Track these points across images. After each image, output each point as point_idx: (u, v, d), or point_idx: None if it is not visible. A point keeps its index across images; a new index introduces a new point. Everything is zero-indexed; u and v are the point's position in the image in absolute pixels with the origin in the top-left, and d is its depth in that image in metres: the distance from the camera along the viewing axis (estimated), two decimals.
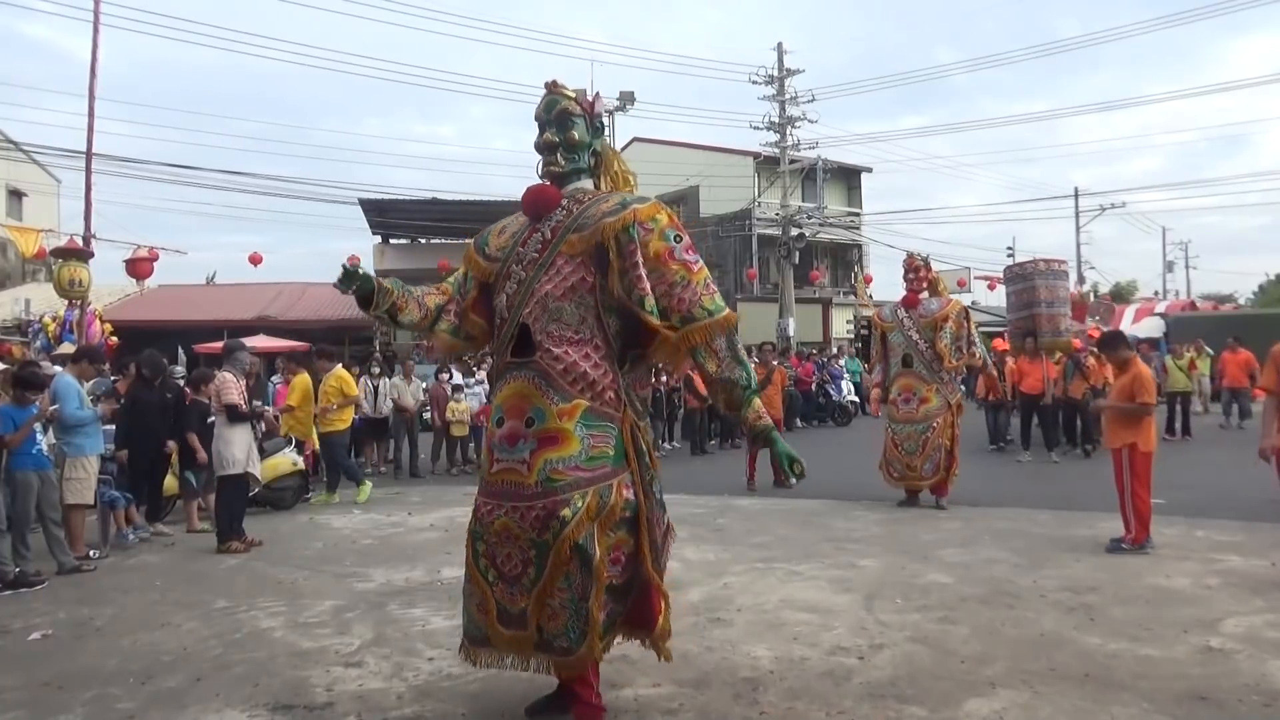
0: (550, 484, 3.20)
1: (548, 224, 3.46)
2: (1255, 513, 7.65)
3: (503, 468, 3.30)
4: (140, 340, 13.78)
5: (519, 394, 3.32)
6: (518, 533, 3.23)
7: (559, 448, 3.23)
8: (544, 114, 3.56)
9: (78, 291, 11.95)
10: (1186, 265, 53.68)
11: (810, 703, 3.65)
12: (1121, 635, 4.42)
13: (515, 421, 3.29)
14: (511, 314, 3.43)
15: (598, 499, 3.24)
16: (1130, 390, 6.38)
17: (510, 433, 3.29)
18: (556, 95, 3.58)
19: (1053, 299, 12.37)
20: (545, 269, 3.38)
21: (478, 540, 3.36)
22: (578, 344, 3.33)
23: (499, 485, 3.31)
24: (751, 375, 3.50)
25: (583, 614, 3.22)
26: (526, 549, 3.22)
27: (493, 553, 3.30)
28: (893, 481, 8.60)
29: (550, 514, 3.17)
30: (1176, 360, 14.32)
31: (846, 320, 31.23)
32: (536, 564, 3.21)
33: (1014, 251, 36.88)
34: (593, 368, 3.33)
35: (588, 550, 3.20)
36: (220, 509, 7.44)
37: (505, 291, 3.47)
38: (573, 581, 3.20)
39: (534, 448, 3.23)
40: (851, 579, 5.72)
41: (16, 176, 28.54)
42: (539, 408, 3.27)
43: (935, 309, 8.58)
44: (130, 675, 4.22)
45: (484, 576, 3.34)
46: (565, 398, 3.26)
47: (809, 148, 26.79)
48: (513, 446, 3.28)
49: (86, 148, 12.91)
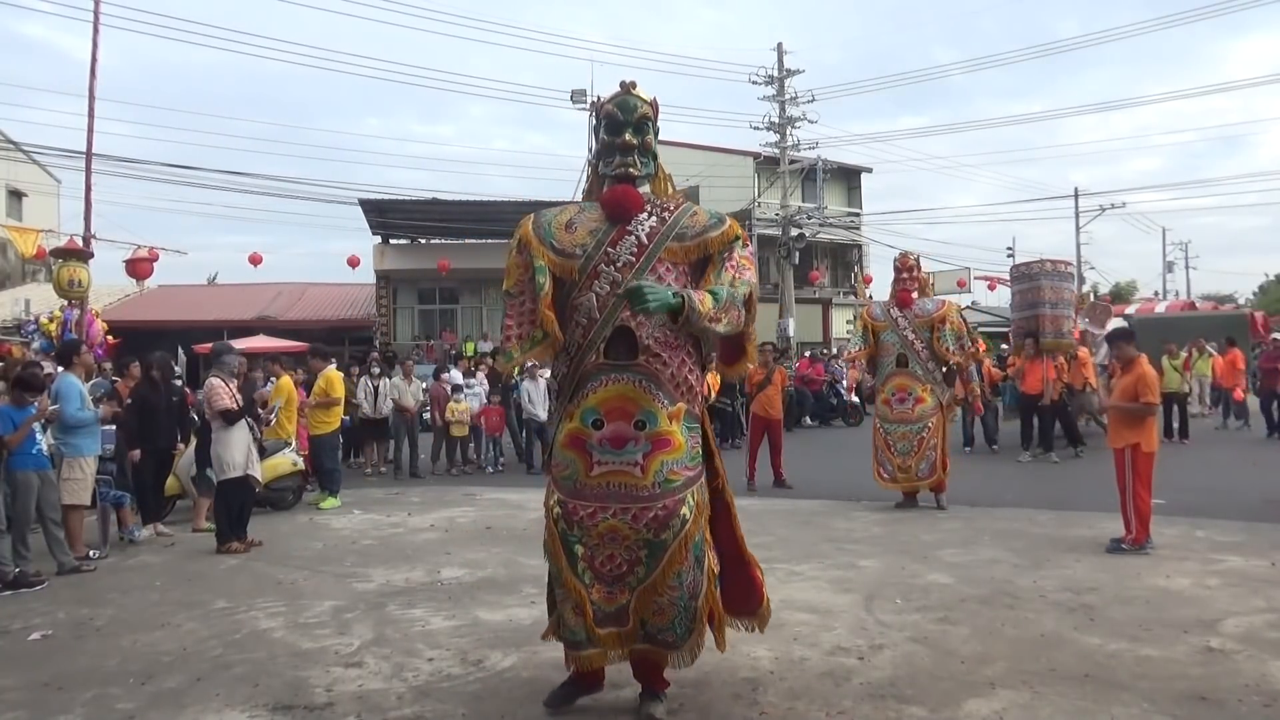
0: (669, 485, 3.32)
1: (639, 227, 3.47)
2: (1255, 513, 7.65)
3: (609, 469, 3.34)
4: (140, 341, 13.79)
5: (623, 396, 3.35)
6: (628, 534, 3.31)
7: (672, 450, 3.34)
8: (621, 115, 3.57)
9: (77, 292, 11.94)
10: (1186, 266, 53.72)
11: (810, 703, 3.66)
12: (1121, 635, 4.42)
13: (621, 424, 3.33)
14: (605, 315, 3.40)
15: (702, 496, 3.45)
16: (1134, 390, 6.37)
17: (616, 435, 3.33)
18: (635, 98, 3.59)
19: (1057, 300, 12.32)
20: (644, 273, 3.40)
21: (573, 544, 3.37)
22: (677, 349, 3.42)
23: (603, 487, 3.35)
24: (724, 300, 3.37)
25: (691, 610, 3.38)
26: (636, 549, 3.32)
27: (592, 555, 3.36)
28: (884, 482, 8.52)
29: (671, 513, 3.30)
30: (1171, 360, 14.29)
31: (846, 320, 31.18)
32: (646, 563, 3.32)
33: (1014, 252, 36.94)
34: (689, 373, 3.46)
35: (701, 547, 3.38)
36: (219, 511, 7.44)
37: (595, 290, 3.43)
38: (684, 579, 3.33)
39: (648, 450, 3.31)
40: (851, 579, 5.72)
41: (16, 176, 28.54)
42: (649, 411, 3.33)
43: (932, 309, 8.54)
44: (130, 675, 4.22)
45: (580, 579, 3.37)
46: (672, 401, 3.37)
47: (809, 148, 26.82)
48: (620, 449, 3.32)
49: (86, 148, 12.89)
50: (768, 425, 10.38)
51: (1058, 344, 12.23)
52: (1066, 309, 12.53)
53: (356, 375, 12.54)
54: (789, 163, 27.19)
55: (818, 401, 18.77)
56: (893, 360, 8.53)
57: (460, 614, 5.11)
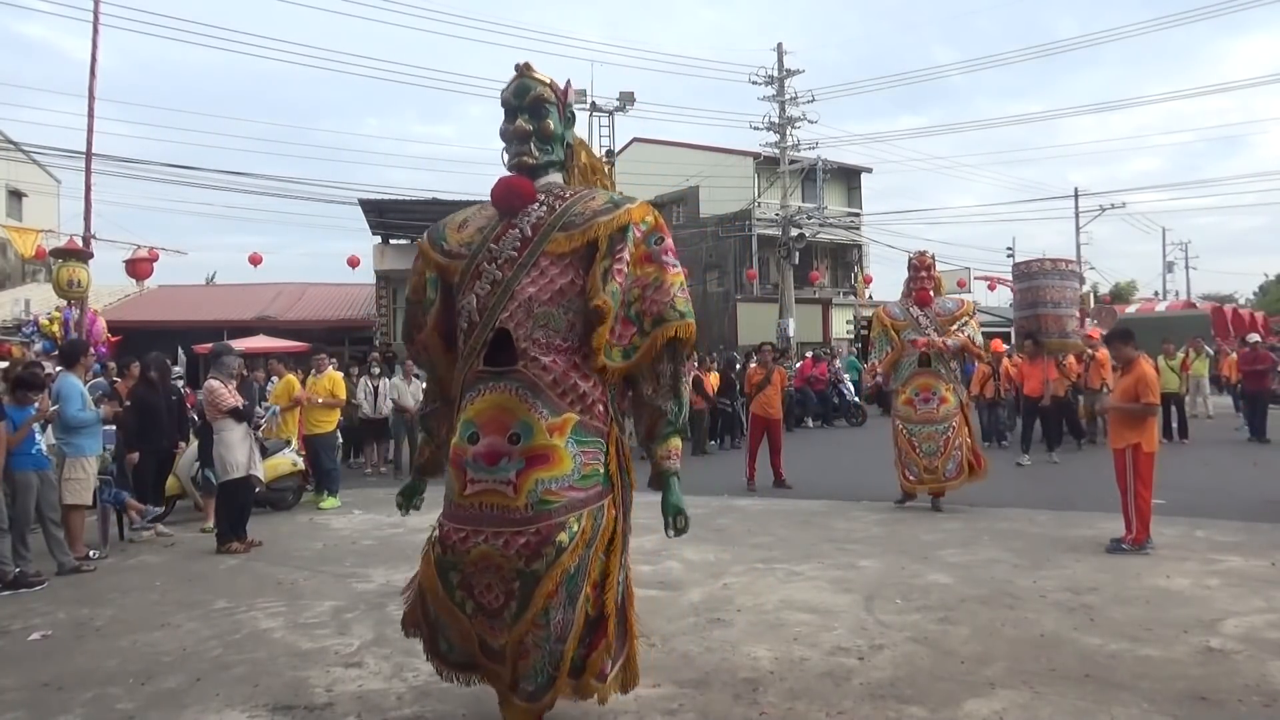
0: (543, 506, 2.91)
1: (525, 220, 3.14)
2: (1255, 513, 7.64)
3: (482, 489, 2.95)
4: (140, 341, 13.79)
5: (498, 406, 2.98)
6: (500, 562, 2.90)
7: (550, 466, 2.93)
8: (514, 99, 3.25)
9: (77, 292, 11.92)
10: (1186, 266, 53.70)
11: (810, 703, 3.65)
12: (1121, 635, 4.42)
13: (495, 437, 2.95)
14: (485, 317, 3.07)
15: (591, 522, 3.01)
16: (1134, 391, 6.37)
17: (490, 450, 2.95)
18: (529, 80, 3.25)
19: (1060, 299, 12.12)
20: (527, 269, 3.07)
21: (449, 570, 3.00)
22: (566, 352, 3.06)
23: (475, 509, 2.96)
24: (681, 411, 3.27)
25: (555, 656, 2.95)
26: (510, 580, 2.91)
27: (470, 583, 2.97)
28: (911, 484, 8.32)
29: (544, 539, 2.88)
30: (1169, 360, 14.27)
31: (846, 320, 31.22)
32: (520, 596, 2.91)
33: (1014, 252, 36.91)
34: (582, 378, 3.07)
35: (577, 582, 2.95)
36: (220, 511, 7.44)
37: (475, 292, 3.12)
38: (552, 618, 2.92)
39: (521, 466, 2.91)
40: (851, 579, 5.72)
41: (16, 176, 28.52)
42: (525, 422, 2.95)
43: (953, 308, 8.49)
44: (130, 675, 4.22)
45: (461, 609, 3.00)
46: (555, 411, 2.98)
47: (809, 148, 26.80)
48: (493, 465, 2.94)
49: (86, 148, 12.88)
50: (767, 425, 10.37)
51: (1062, 344, 12.09)
52: (1070, 308, 12.35)
53: (356, 375, 12.53)
54: (789, 163, 27.18)
55: (822, 402, 18.77)
56: (915, 360, 8.37)
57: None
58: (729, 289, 30.94)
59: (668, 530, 3.18)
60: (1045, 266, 12.53)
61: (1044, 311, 12.06)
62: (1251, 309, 34.26)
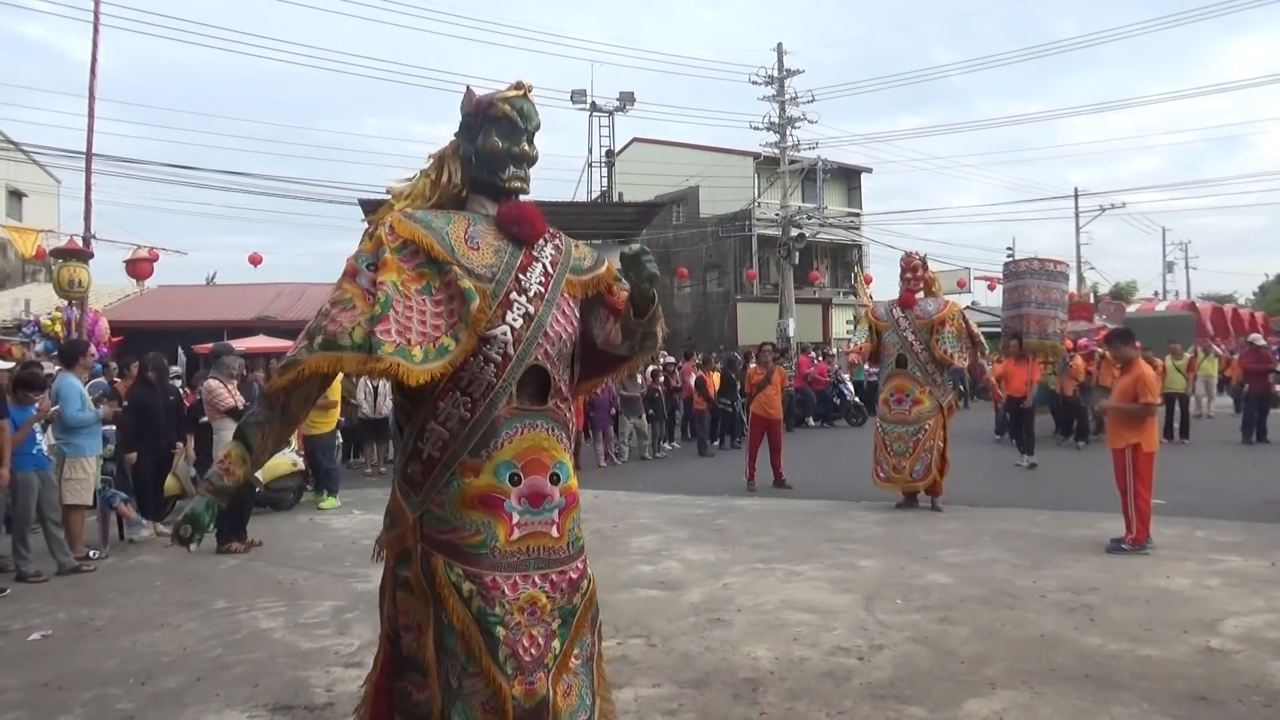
0: (577, 542, 2.93)
1: (542, 253, 3.01)
2: (1255, 513, 7.64)
3: (529, 532, 2.82)
4: (140, 341, 13.79)
5: (538, 447, 2.88)
6: (545, 604, 2.80)
7: (577, 505, 2.97)
8: (523, 123, 3.07)
9: (77, 292, 11.93)
10: (1186, 266, 53.73)
11: (810, 703, 3.65)
12: (1121, 635, 4.42)
13: (538, 478, 2.86)
14: (519, 351, 2.88)
15: None
16: (1133, 391, 6.37)
17: (535, 491, 2.84)
18: (531, 104, 3.10)
19: (1045, 300, 12.04)
20: (553, 306, 2.96)
21: (495, 625, 2.72)
22: (571, 394, 3.08)
23: (524, 553, 2.81)
24: None
25: (591, 676, 2.94)
26: (551, 620, 2.81)
27: (515, 639, 2.74)
28: (880, 482, 8.54)
29: (582, 574, 2.91)
30: (1175, 360, 14.25)
31: (846, 320, 31.22)
32: (560, 635, 2.81)
33: (1014, 252, 36.90)
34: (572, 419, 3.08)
35: (598, 607, 2.99)
36: (220, 511, 7.43)
37: (509, 323, 2.89)
38: (585, 645, 2.92)
39: (563, 506, 2.89)
40: (851, 579, 5.72)
41: (16, 176, 28.54)
42: (561, 462, 2.91)
43: (932, 311, 8.48)
44: (130, 675, 4.23)
45: (503, 670, 2.71)
46: (570, 450, 2.99)
47: (809, 148, 26.81)
48: (538, 507, 2.84)
49: (86, 148, 12.89)
50: (767, 425, 10.37)
51: (1042, 345, 12.02)
52: (1055, 309, 12.23)
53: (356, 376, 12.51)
54: (789, 163, 27.18)
55: (821, 401, 18.76)
56: (893, 361, 8.54)
57: None
58: (729, 289, 30.96)
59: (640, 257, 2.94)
60: (1034, 266, 12.47)
61: (1028, 311, 12.01)
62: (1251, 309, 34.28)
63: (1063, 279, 12.95)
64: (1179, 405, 13.73)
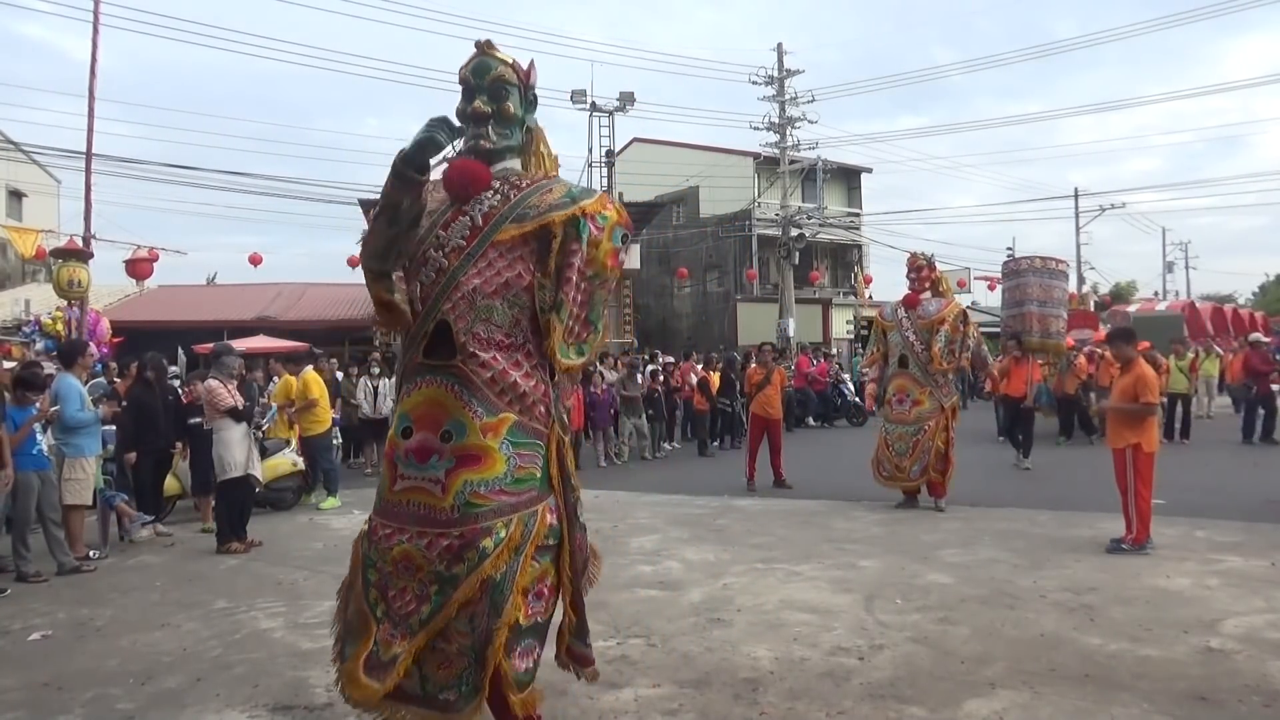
0: (470, 509, 2.79)
1: (477, 208, 2.98)
2: (1255, 513, 7.64)
3: (410, 485, 2.87)
4: (140, 341, 13.78)
5: (433, 401, 2.88)
6: (420, 563, 2.81)
7: (481, 468, 2.81)
8: (473, 78, 3.07)
9: (77, 292, 11.94)
10: (1186, 266, 53.71)
11: (810, 703, 3.65)
12: (1121, 635, 4.42)
13: (427, 433, 2.85)
14: (428, 307, 2.94)
15: (522, 528, 2.86)
16: (1133, 391, 6.37)
17: (421, 446, 2.86)
18: (490, 58, 3.08)
19: (1046, 299, 11.94)
20: (474, 260, 2.92)
21: (369, 568, 2.93)
22: (508, 349, 2.93)
23: (403, 506, 2.88)
24: None
25: (479, 665, 2.79)
26: (427, 583, 2.81)
27: (385, 584, 2.88)
28: (882, 480, 8.58)
29: (468, 544, 2.77)
30: (1178, 361, 14.21)
31: (846, 320, 31.23)
32: (435, 600, 2.80)
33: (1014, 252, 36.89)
34: (523, 377, 2.94)
35: (503, 589, 2.79)
36: (220, 511, 7.44)
37: (420, 280, 2.97)
38: (477, 625, 2.78)
39: (451, 466, 2.81)
40: (851, 579, 5.72)
41: (16, 176, 28.52)
42: (458, 420, 2.83)
43: (934, 311, 8.49)
44: (130, 675, 4.22)
45: (373, 611, 2.89)
46: (491, 410, 2.85)
47: (809, 148, 26.81)
48: (423, 462, 2.84)
49: (86, 148, 12.89)
50: (767, 425, 10.37)
51: (1045, 344, 11.94)
52: (1057, 308, 12.10)
53: (356, 375, 12.52)
54: (789, 163, 27.18)
55: (823, 401, 18.71)
56: (895, 362, 8.58)
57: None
58: (729, 289, 30.94)
59: None
60: (1035, 264, 12.38)
61: (1029, 309, 11.91)
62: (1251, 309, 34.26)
63: (1063, 278, 12.85)
64: (1181, 405, 13.70)
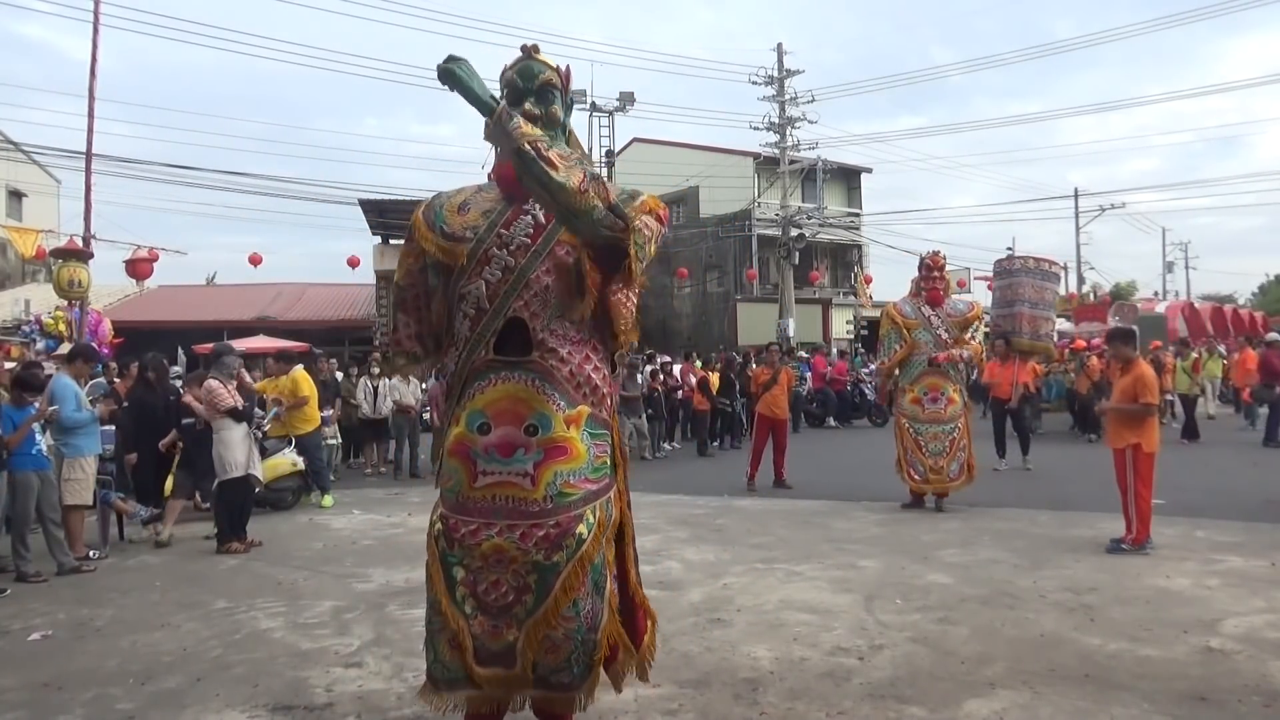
0: (562, 498, 2.90)
1: (537, 206, 3.04)
2: (1255, 513, 7.65)
3: (495, 480, 2.93)
4: (141, 341, 13.79)
5: (513, 397, 2.95)
6: (515, 555, 2.88)
7: (568, 459, 2.93)
8: (521, 81, 3.16)
9: (77, 292, 11.95)
10: (1186, 266, 53.69)
11: (810, 703, 3.65)
12: (1121, 635, 4.42)
13: (510, 428, 2.92)
14: (496, 305, 3.00)
15: (603, 513, 3.01)
16: (1133, 391, 6.37)
17: (504, 441, 2.92)
18: (538, 63, 3.19)
19: (1038, 300, 11.85)
20: (541, 257, 2.99)
21: (453, 566, 2.95)
22: (579, 345, 3.03)
23: (488, 501, 2.93)
24: (567, 153, 3.06)
25: (590, 645, 2.94)
26: (524, 574, 2.89)
27: (475, 580, 2.92)
28: (916, 484, 8.31)
29: (565, 531, 2.88)
30: (1182, 362, 14.19)
31: (846, 320, 31.23)
32: (536, 590, 2.88)
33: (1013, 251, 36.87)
34: (594, 371, 3.06)
35: (601, 570, 2.96)
36: (220, 511, 7.44)
37: (484, 278, 3.02)
38: (581, 609, 2.91)
39: (539, 458, 2.90)
40: (851, 579, 5.71)
41: (16, 177, 28.53)
42: (542, 414, 2.93)
43: (964, 309, 8.50)
44: (130, 675, 4.22)
45: (460, 608, 2.93)
46: (570, 403, 2.97)
47: (809, 148, 26.81)
48: (508, 457, 2.92)
49: (86, 148, 12.90)
50: (773, 425, 10.37)
51: (1033, 345, 11.88)
52: (1047, 310, 12.09)
53: (356, 375, 12.52)
54: (789, 163, 27.18)
55: (842, 401, 18.61)
56: (924, 359, 8.35)
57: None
58: (729, 289, 30.93)
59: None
60: (1028, 264, 12.31)
61: (1021, 310, 11.86)
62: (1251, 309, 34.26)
63: (1055, 280, 12.73)
64: (1185, 407, 13.62)
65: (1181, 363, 14.17)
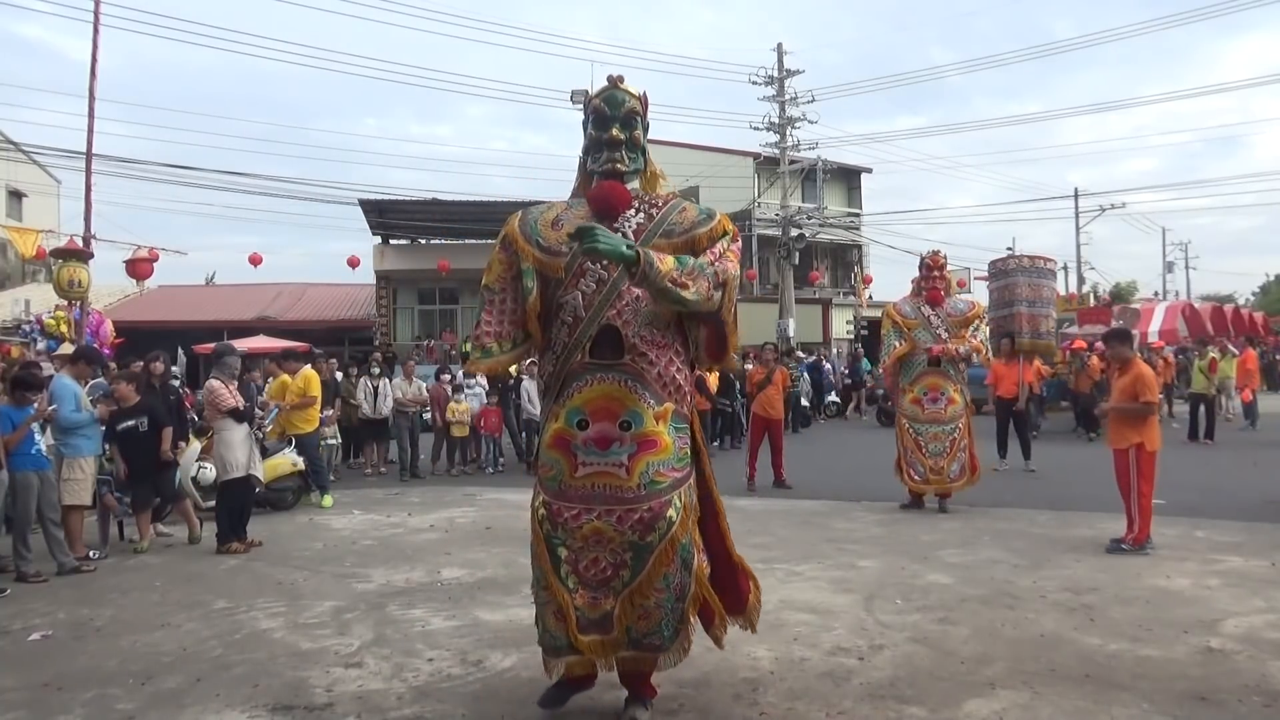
0: (654, 486, 3.28)
1: (625, 224, 3.43)
2: (1255, 513, 7.65)
3: (594, 470, 3.31)
4: (141, 341, 13.78)
5: (608, 396, 3.32)
6: (613, 536, 3.27)
7: (658, 451, 3.31)
8: (608, 109, 3.53)
9: (77, 292, 11.95)
10: (1186, 266, 53.68)
11: (810, 703, 3.65)
12: (1121, 635, 4.42)
13: (606, 424, 3.30)
14: (591, 313, 3.36)
15: (690, 498, 3.41)
16: (1133, 390, 6.37)
17: (601, 435, 3.30)
18: (623, 92, 3.55)
19: (1035, 298, 11.81)
20: None
21: (558, 546, 3.34)
22: (664, 349, 3.39)
23: (588, 489, 3.31)
24: (690, 266, 3.27)
25: (678, 613, 3.36)
26: (621, 552, 3.29)
27: (576, 558, 3.33)
28: (915, 484, 8.28)
29: (657, 515, 3.27)
30: (1199, 361, 14.13)
31: (846, 321, 31.23)
32: (632, 566, 3.29)
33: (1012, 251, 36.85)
34: (677, 372, 3.43)
35: (690, 550, 3.34)
36: (220, 511, 7.44)
37: (581, 289, 3.39)
38: (671, 582, 3.31)
39: (633, 451, 3.28)
40: (851, 579, 5.71)
41: (16, 177, 28.56)
42: (635, 411, 3.30)
43: (964, 308, 8.43)
44: (130, 675, 4.22)
45: (564, 584, 3.34)
46: (659, 400, 3.34)
47: (809, 148, 26.80)
48: (605, 449, 3.30)
49: (86, 148, 12.90)
50: (768, 425, 10.37)
51: (1036, 344, 11.87)
52: (1045, 307, 12.02)
53: (356, 375, 12.52)
54: (789, 163, 27.18)
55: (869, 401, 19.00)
56: (924, 359, 8.30)
57: (460, 614, 5.11)
58: None
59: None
60: (1023, 263, 12.29)
61: (1019, 309, 11.83)
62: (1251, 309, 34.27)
63: (1051, 276, 12.69)
64: (1204, 407, 13.53)
65: (1199, 362, 14.09)
